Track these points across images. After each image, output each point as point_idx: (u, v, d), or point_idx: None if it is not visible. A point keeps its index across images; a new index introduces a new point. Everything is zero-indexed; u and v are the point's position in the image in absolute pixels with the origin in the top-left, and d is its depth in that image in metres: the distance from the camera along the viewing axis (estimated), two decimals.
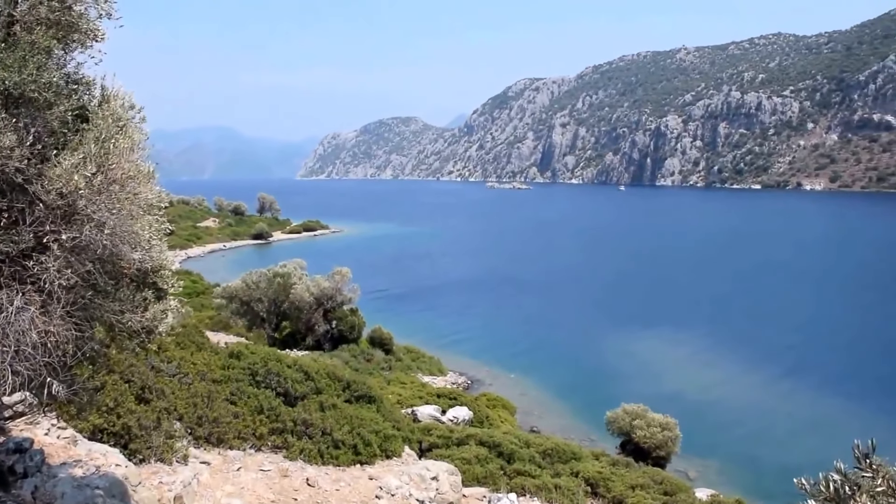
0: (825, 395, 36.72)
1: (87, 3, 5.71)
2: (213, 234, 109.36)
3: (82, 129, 5.42)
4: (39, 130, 5.17)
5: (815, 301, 63.34)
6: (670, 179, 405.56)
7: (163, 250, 5.98)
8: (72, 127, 5.45)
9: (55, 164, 5.07)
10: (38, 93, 5.06)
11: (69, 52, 5.82)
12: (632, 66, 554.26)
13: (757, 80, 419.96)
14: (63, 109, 5.35)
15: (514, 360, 43.04)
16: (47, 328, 5.05)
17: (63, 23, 5.54)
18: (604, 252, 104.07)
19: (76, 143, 5.30)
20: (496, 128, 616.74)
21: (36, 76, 5.03)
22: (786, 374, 40.53)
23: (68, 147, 5.27)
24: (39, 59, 5.08)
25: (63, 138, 5.36)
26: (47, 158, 5.16)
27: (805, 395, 36.95)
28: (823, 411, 34.43)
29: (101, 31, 5.84)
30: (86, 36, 5.77)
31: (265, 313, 39.63)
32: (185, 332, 16.49)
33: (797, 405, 35.38)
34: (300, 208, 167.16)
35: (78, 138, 5.34)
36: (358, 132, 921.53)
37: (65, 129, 5.39)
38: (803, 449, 28.40)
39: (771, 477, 24.99)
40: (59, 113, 5.32)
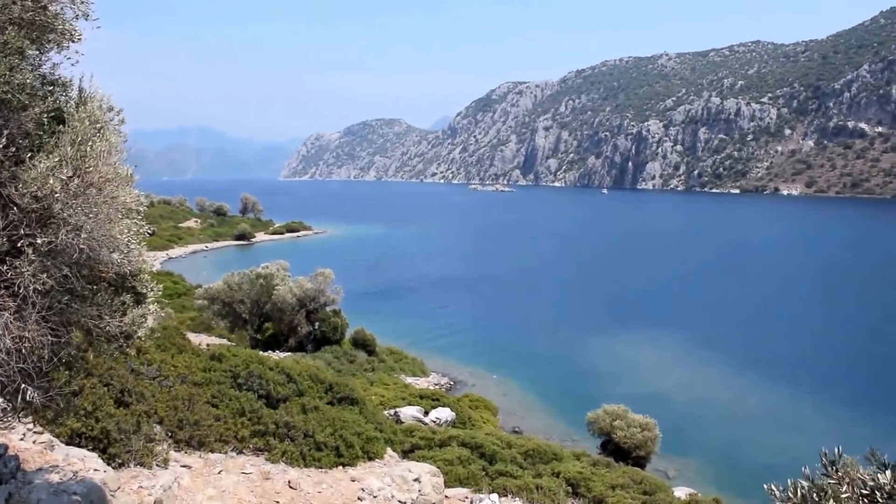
0: (801, 395, 37.10)
1: (62, 3, 5.64)
2: (194, 234, 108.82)
3: (58, 131, 5.35)
4: (13, 132, 5.10)
5: (790, 302, 63.97)
6: (651, 183, 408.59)
7: (141, 254, 5.91)
8: (47, 129, 5.37)
9: (30, 167, 5.01)
10: (11, 94, 4.99)
11: (44, 52, 5.74)
12: (614, 71, 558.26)
13: (736, 87, 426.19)
14: (38, 111, 5.28)
15: (497, 361, 43.09)
16: (22, 333, 4.99)
17: (38, 23, 5.47)
18: (586, 254, 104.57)
19: (52, 146, 5.23)
20: (479, 130, 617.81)
21: (9, 77, 4.96)
22: (763, 374, 40.83)
23: (44, 150, 5.20)
24: (12, 59, 5.00)
25: (38, 141, 5.28)
26: (22, 161, 5.09)
27: (781, 394, 37.27)
28: (799, 411, 34.77)
29: (77, 31, 5.76)
30: (62, 36, 5.70)
31: (247, 315, 39.44)
32: (166, 335, 16.37)
33: (774, 405, 35.69)
34: (283, 209, 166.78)
35: (54, 141, 5.27)
36: (342, 133, 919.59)
37: (40, 132, 5.32)
38: (780, 448, 28.61)
39: (748, 476, 25.17)
40: (34, 115, 5.25)
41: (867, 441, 4.59)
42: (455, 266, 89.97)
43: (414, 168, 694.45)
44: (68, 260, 5.30)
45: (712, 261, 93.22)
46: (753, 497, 20.44)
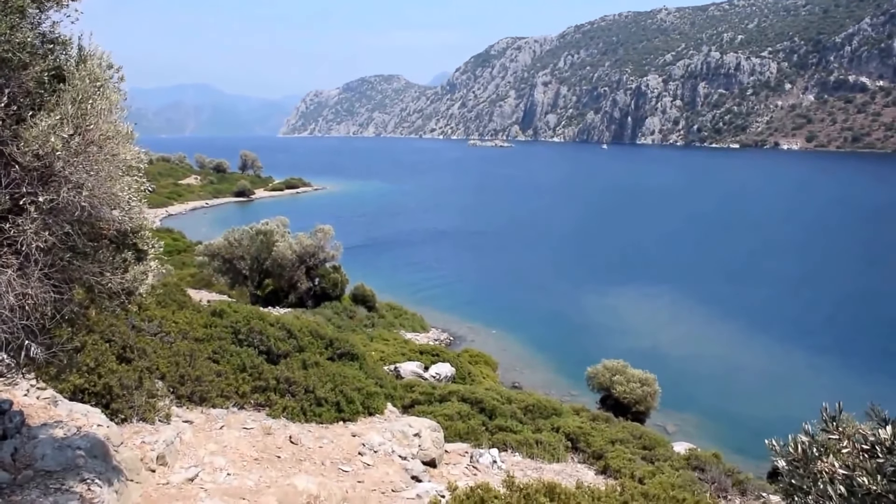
0: (800, 350, 37.34)
1: None
2: (194, 191, 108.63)
3: (59, 89, 5.34)
4: (14, 91, 5.09)
5: (789, 258, 64.06)
6: (650, 138, 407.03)
7: (142, 211, 5.93)
8: (48, 87, 5.36)
9: (31, 126, 5.01)
10: (11, 53, 4.97)
11: (44, 11, 5.70)
12: (613, 26, 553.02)
13: (736, 41, 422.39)
14: (39, 70, 5.26)
15: (496, 316, 43.30)
16: (25, 291, 5.03)
17: None
18: (584, 209, 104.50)
19: (53, 104, 5.22)
20: (478, 86, 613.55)
21: (9, 36, 4.94)
22: (763, 329, 41.06)
23: (45, 108, 5.20)
24: (12, 18, 4.98)
25: (39, 99, 5.28)
26: (23, 119, 5.09)
27: (781, 349, 37.50)
28: (799, 365, 35.04)
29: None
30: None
31: (248, 271, 39.56)
32: (167, 291, 16.46)
33: (774, 360, 35.93)
34: (282, 166, 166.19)
35: (54, 99, 5.27)
36: (340, 90, 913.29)
37: (41, 90, 5.31)
38: (779, 402, 28.90)
39: (747, 431, 25.44)
40: (35, 73, 5.24)
41: (867, 397, 4.65)
42: (453, 221, 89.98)
43: (413, 124, 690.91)
44: (70, 217, 5.32)
45: (710, 216, 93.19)
46: (753, 452, 20.76)
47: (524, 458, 14.84)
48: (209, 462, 9.42)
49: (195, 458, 9.44)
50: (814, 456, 4.32)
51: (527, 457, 14.90)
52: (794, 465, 4.44)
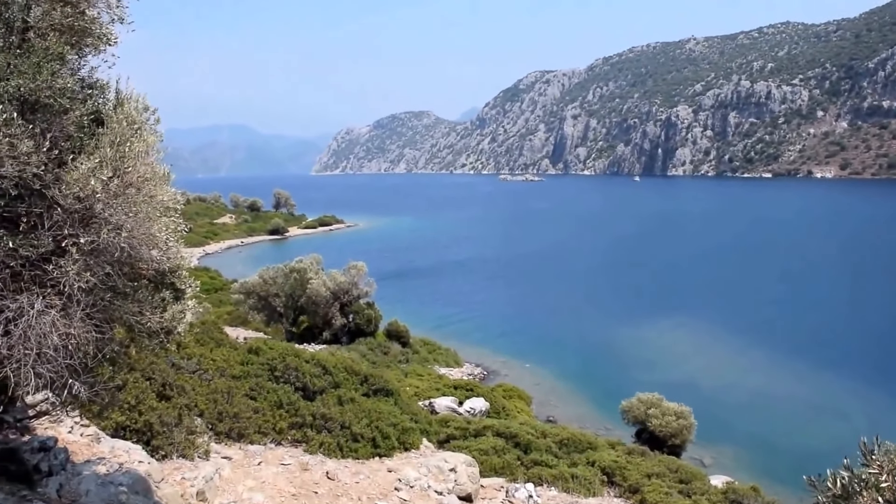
0: (838, 378, 36.65)
1: (99, 8, 5.78)
2: (229, 230, 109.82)
3: (98, 133, 5.50)
4: (56, 136, 5.25)
5: (824, 286, 63.11)
6: (682, 169, 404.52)
7: (179, 251, 6.05)
8: (88, 131, 5.52)
9: (72, 169, 5.15)
10: (53, 98, 5.14)
11: (83, 56, 5.89)
12: (641, 57, 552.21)
13: (766, 69, 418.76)
14: (78, 114, 5.43)
15: (529, 349, 43.09)
16: (68, 330, 5.14)
17: (76, 28, 5.62)
18: (616, 241, 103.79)
19: (92, 148, 5.37)
20: (508, 120, 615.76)
21: (50, 82, 5.10)
22: (799, 357, 40.41)
23: (84, 151, 5.35)
24: (53, 65, 5.15)
25: (79, 143, 5.43)
26: (64, 163, 5.24)
27: (818, 377, 36.85)
28: (837, 394, 34.37)
29: (113, 35, 5.91)
30: (99, 40, 5.85)
31: (282, 308, 39.83)
32: (205, 329, 16.64)
33: (811, 388, 35.31)
34: (315, 203, 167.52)
35: (94, 142, 5.42)
36: (371, 127, 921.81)
37: (81, 134, 5.47)
38: (818, 434, 28.37)
39: (786, 463, 24.98)
40: (75, 118, 5.40)
41: None
42: (484, 255, 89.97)
43: (443, 160, 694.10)
44: (110, 258, 5.44)
45: (743, 245, 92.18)
46: (792, 484, 20.32)
47: (560, 492, 14.71)
48: (248, 498, 9.47)
49: (234, 494, 9.49)
50: (854, 491, 4.26)
51: (562, 491, 14.76)
52: (835, 501, 4.38)
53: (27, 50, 5.15)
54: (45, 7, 5.37)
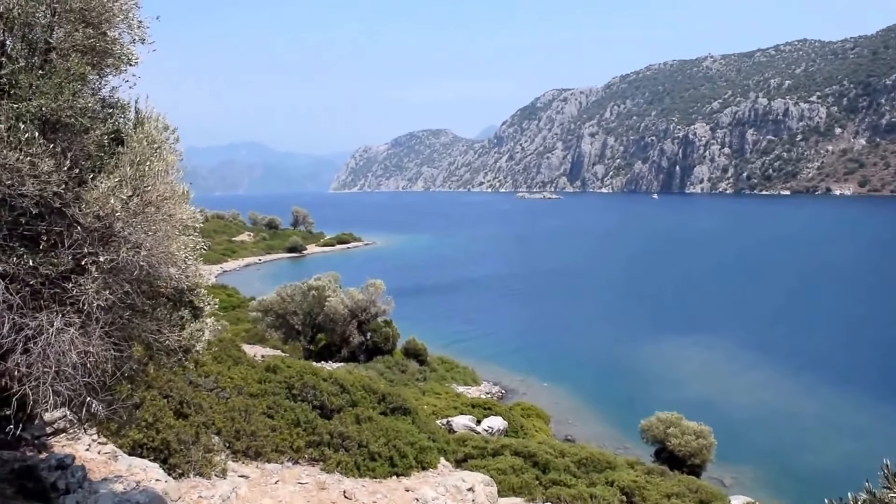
0: (860, 397, 36.18)
1: (120, 29, 5.84)
2: (247, 247, 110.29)
3: (118, 152, 5.54)
4: (76, 155, 5.29)
5: (845, 304, 62.48)
6: (699, 187, 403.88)
7: (198, 269, 6.07)
8: (108, 150, 5.56)
9: (92, 188, 5.19)
10: (74, 118, 5.18)
11: (104, 76, 5.95)
12: (659, 75, 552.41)
13: (783, 87, 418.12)
14: (99, 133, 5.47)
15: (547, 367, 42.89)
16: (87, 348, 5.16)
17: (98, 48, 5.67)
18: (633, 259, 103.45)
19: (112, 167, 5.41)
20: (525, 139, 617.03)
21: (72, 102, 5.15)
22: (821, 378, 39.92)
23: (105, 170, 5.38)
24: (75, 85, 5.20)
25: (99, 162, 5.47)
26: (84, 182, 5.27)
27: (839, 399, 36.37)
28: (858, 417, 33.88)
29: (134, 55, 5.96)
30: (119, 60, 5.90)
31: (300, 326, 39.89)
32: (222, 347, 16.67)
33: (833, 410, 34.86)
34: (333, 221, 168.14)
35: (114, 161, 5.46)
36: (389, 145, 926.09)
37: (101, 153, 5.51)
38: (839, 454, 28.04)
39: (807, 484, 24.67)
40: (95, 137, 5.44)
41: None
42: (502, 273, 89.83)
43: (461, 178, 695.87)
44: (129, 276, 5.47)
45: (762, 263, 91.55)
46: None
47: None
48: None
49: None
50: None
51: None
52: None
53: (49, 70, 5.20)
54: (67, 28, 5.43)
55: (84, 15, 5.44)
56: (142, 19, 5.92)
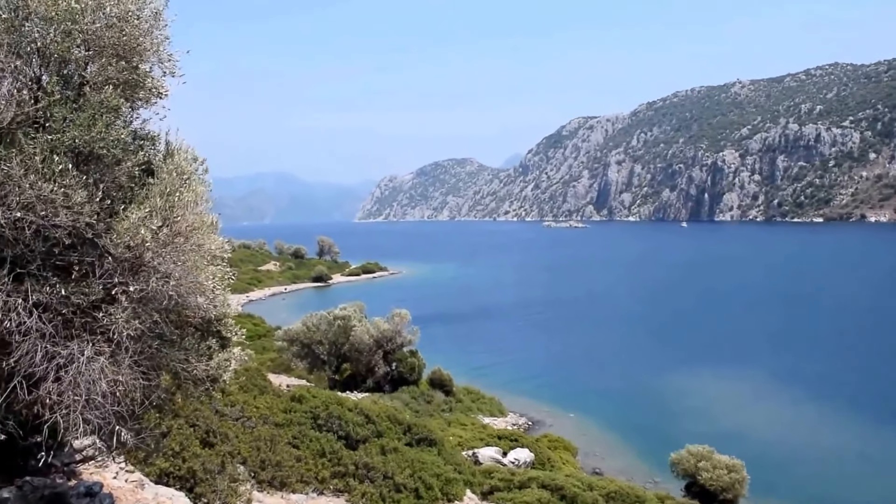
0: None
1: (151, 62, 5.95)
2: (273, 277, 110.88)
3: (148, 183, 5.62)
4: (108, 186, 5.38)
5: (881, 331, 61.44)
6: (729, 214, 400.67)
7: (226, 299, 6.12)
8: (138, 181, 5.65)
9: (123, 219, 5.26)
10: (106, 150, 5.27)
11: (135, 109, 6.06)
12: (686, 102, 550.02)
13: (815, 112, 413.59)
14: (130, 165, 5.56)
15: (574, 398, 42.52)
16: (116, 377, 5.20)
17: (130, 81, 5.78)
18: (661, 287, 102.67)
19: (143, 197, 5.49)
20: (551, 167, 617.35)
21: (104, 134, 5.24)
22: (856, 409, 39.18)
23: (135, 201, 5.46)
24: (108, 117, 5.29)
25: (130, 193, 5.56)
26: (115, 213, 5.35)
27: (877, 431, 35.67)
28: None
29: (164, 88, 6.07)
30: (151, 93, 6.01)
31: (326, 355, 39.92)
32: (248, 376, 16.72)
33: (869, 442, 34.17)
34: (359, 250, 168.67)
35: (144, 192, 5.54)
36: (414, 174, 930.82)
37: (132, 184, 5.59)
38: (875, 490, 27.47)
39: None
40: (127, 168, 5.53)
41: None
42: (528, 302, 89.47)
43: (486, 207, 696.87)
44: (158, 306, 5.52)
45: (796, 292, 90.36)
46: None
47: None
48: None
49: None
50: None
51: None
52: None
53: (83, 103, 5.30)
54: (101, 63, 5.54)
55: (117, 49, 5.55)
56: (172, 53, 6.03)
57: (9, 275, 4.88)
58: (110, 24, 5.43)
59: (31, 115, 5.10)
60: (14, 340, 4.89)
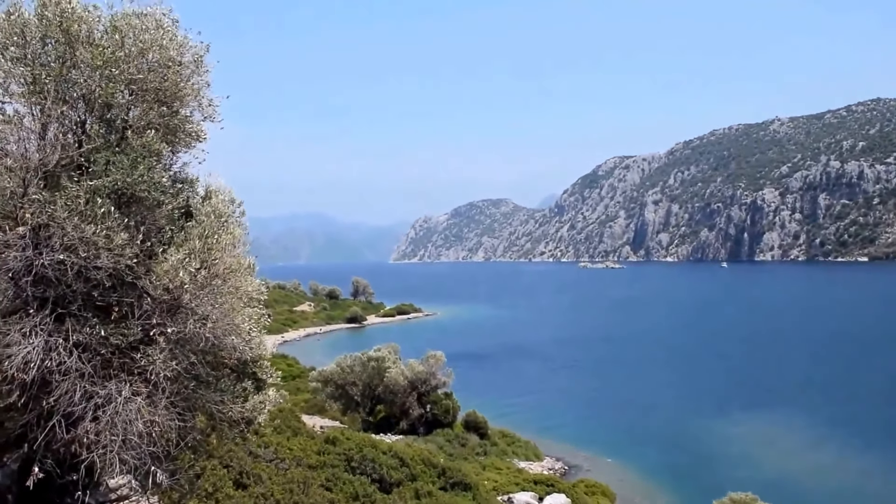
0: None
1: (192, 107, 6.09)
2: (308, 317, 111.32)
3: (187, 226, 5.71)
4: (148, 228, 5.47)
5: None
6: (769, 254, 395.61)
7: (262, 341, 6.16)
8: (177, 224, 5.74)
9: (162, 260, 5.34)
10: (147, 192, 5.38)
11: (176, 152, 6.19)
12: (724, 140, 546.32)
13: (857, 149, 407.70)
14: (170, 207, 5.66)
15: (611, 443, 41.88)
16: (152, 418, 5.24)
17: (170, 126, 5.91)
18: (701, 329, 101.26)
19: (181, 240, 5.58)
20: (587, 207, 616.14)
21: (146, 177, 5.35)
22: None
23: (174, 243, 5.55)
24: (150, 161, 5.41)
25: (169, 235, 5.65)
26: (155, 254, 5.44)
27: None
28: None
29: (203, 132, 6.21)
30: (190, 137, 6.14)
31: (360, 397, 39.86)
32: (282, 418, 16.73)
33: None
34: (393, 291, 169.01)
35: (183, 235, 5.62)
36: (449, 215, 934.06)
37: (171, 227, 5.69)
38: None
39: None
40: (167, 211, 5.63)
41: None
42: (564, 344, 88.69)
43: (522, 248, 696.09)
44: (195, 347, 5.58)
45: (844, 335, 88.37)
46: None
47: None
48: None
49: None
50: None
51: None
52: None
53: (125, 147, 5.42)
54: (143, 107, 5.67)
55: (159, 95, 5.69)
56: (212, 98, 6.17)
57: (50, 315, 4.96)
58: (152, 70, 5.57)
59: (74, 158, 5.23)
60: (54, 380, 4.97)
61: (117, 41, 5.34)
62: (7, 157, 4.99)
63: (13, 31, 5.09)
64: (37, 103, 5.18)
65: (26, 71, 5.13)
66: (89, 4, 5.56)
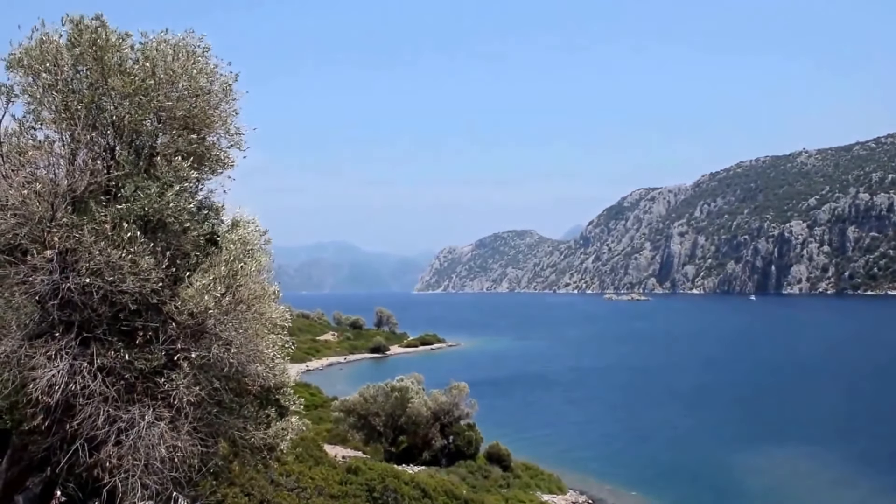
0: None
1: (219, 134, 6.15)
2: (331, 347, 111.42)
3: (212, 252, 5.75)
4: (174, 254, 5.51)
5: None
6: (797, 287, 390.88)
7: (285, 368, 6.17)
8: (203, 250, 5.78)
9: (187, 286, 5.37)
10: (174, 218, 5.42)
11: (202, 179, 6.25)
12: (750, 172, 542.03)
13: (887, 181, 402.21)
14: (196, 234, 5.70)
15: (636, 476, 41.38)
16: (175, 443, 5.24)
17: (198, 153, 5.97)
18: (731, 365, 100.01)
19: (207, 266, 5.61)
20: (612, 239, 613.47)
21: (173, 203, 5.40)
22: None
23: (199, 269, 5.58)
24: (179, 187, 5.46)
25: (195, 261, 5.69)
26: (180, 280, 5.47)
27: None
28: None
29: (230, 159, 6.27)
30: (217, 164, 6.20)
31: (382, 427, 39.73)
32: (305, 446, 16.68)
33: None
34: (417, 322, 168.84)
35: (209, 261, 5.66)
36: (473, 246, 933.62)
37: (197, 252, 5.73)
38: None
39: None
40: (192, 237, 5.67)
41: None
42: (588, 379, 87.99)
43: (546, 279, 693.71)
44: (218, 373, 5.59)
45: (869, 367, 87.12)
46: None
47: None
48: None
49: None
50: None
51: None
52: None
53: (153, 174, 5.48)
54: (171, 135, 5.74)
55: (187, 122, 5.76)
56: (239, 126, 6.23)
57: (76, 338, 4.99)
58: (181, 98, 5.64)
59: (103, 184, 5.29)
60: (78, 403, 4.99)
61: (147, 69, 5.42)
62: (36, 182, 5.06)
63: (46, 58, 5.18)
64: (67, 129, 5.26)
65: (58, 97, 5.21)
66: (122, 32, 5.66)
